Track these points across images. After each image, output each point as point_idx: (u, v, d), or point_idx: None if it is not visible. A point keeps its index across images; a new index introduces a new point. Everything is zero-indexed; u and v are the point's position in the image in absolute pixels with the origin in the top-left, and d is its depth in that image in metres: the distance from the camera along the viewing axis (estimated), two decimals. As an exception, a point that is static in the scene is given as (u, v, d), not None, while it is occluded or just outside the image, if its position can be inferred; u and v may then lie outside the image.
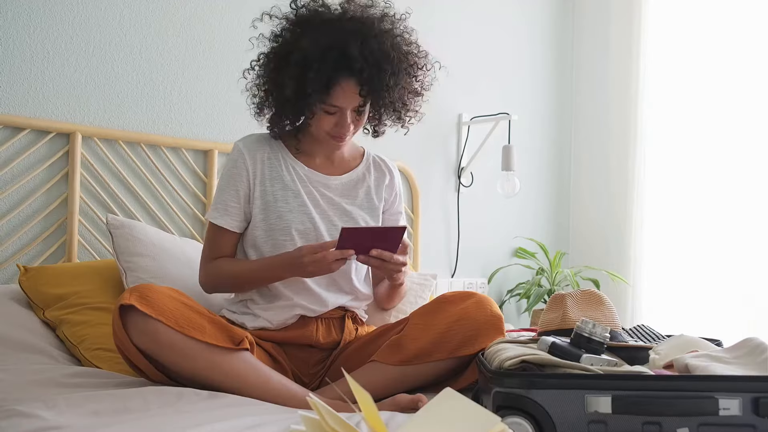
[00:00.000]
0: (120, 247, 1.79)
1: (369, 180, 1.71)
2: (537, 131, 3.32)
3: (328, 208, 1.64)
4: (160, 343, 1.31)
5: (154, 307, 1.32)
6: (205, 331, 1.34)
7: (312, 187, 1.64)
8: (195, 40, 2.25)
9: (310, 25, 1.55)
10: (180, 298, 1.39)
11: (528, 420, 1.06)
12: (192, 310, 1.38)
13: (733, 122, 2.94)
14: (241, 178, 1.61)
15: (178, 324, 1.32)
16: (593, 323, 1.22)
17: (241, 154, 1.62)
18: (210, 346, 1.33)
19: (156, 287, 1.37)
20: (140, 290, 1.35)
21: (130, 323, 1.32)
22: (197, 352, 1.32)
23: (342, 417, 0.98)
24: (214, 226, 1.62)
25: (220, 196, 1.62)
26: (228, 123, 2.32)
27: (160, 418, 1.09)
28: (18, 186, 1.91)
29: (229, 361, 1.35)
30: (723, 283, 2.93)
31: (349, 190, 1.68)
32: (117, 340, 1.35)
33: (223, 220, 1.61)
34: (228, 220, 1.61)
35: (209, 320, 1.39)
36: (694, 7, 3.06)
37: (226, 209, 1.61)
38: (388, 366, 1.46)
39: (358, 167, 1.72)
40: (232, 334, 1.39)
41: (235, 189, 1.61)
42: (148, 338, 1.31)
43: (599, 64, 3.36)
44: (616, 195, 3.24)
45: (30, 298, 1.72)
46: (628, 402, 1.05)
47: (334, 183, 1.67)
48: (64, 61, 2.01)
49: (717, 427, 1.04)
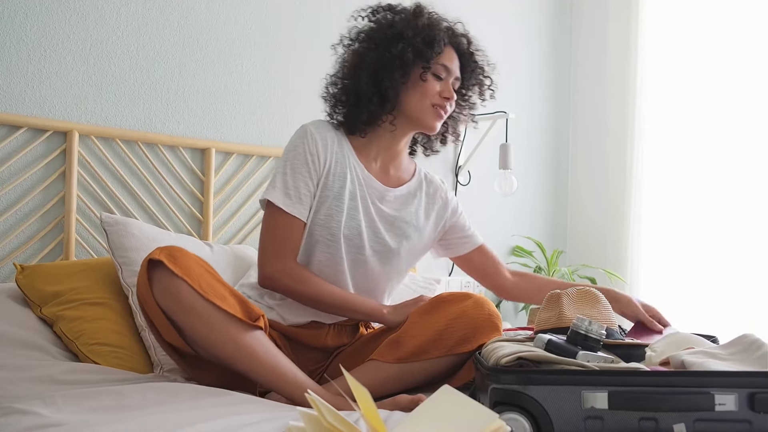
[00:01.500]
0: (114, 244, 1.79)
1: (421, 196, 1.70)
2: (534, 130, 3.32)
3: (377, 218, 1.61)
4: (182, 303, 1.32)
5: (181, 267, 1.33)
6: (225, 301, 1.35)
7: (367, 193, 1.61)
8: (192, 38, 2.25)
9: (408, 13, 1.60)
10: (206, 266, 1.40)
11: (525, 416, 1.06)
12: (216, 280, 1.39)
13: (730, 120, 2.94)
14: (315, 165, 1.55)
15: (201, 288, 1.32)
16: (589, 321, 1.22)
17: (315, 140, 1.56)
18: (228, 316, 1.33)
19: (186, 251, 1.38)
20: (171, 250, 1.36)
21: (155, 279, 1.33)
22: (215, 319, 1.33)
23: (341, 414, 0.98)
24: (284, 214, 1.52)
25: (293, 181, 1.53)
26: (226, 121, 2.32)
27: (158, 415, 1.09)
28: (15, 184, 1.91)
29: (244, 335, 1.34)
30: (720, 280, 2.93)
31: (401, 204, 1.66)
32: (140, 294, 1.37)
33: (295, 208, 1.53)
34: (300, 209, 1.53)
35: (231, 292, 1.39)
36: (691, 5, 3.06)
37: (299, 197, 1.53)
38: (386, 364, 1.46)
39: (411, 181, 1.70)
40: (250, 310, 1.39)
41: (308, 175, 1.54)
42: (171, 297, 1.32)
43: (597, 62, 3.37)
44: (614, 193, 3.25)
45: (27, 296, 1.72)
46: (625, 398, 1.05)
47: (390, 195, 1.64)
48: (61, 60, 2.01)
49: (713, 422, 1.04)
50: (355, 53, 1.59)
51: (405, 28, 1.54)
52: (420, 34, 1.54)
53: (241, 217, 2.35)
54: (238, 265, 2.00)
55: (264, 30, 2.42)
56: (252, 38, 2.38)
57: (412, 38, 1.54)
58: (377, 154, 1.65)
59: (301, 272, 1.53)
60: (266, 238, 1.54)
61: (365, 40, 1.59)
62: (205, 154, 2.26)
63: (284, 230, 1.53)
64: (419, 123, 1.60)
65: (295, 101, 2.48)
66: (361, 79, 1.56)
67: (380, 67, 1.54)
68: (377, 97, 1.56)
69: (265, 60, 2.41)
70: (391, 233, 1.63)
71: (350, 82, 1.59)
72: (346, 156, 1.60)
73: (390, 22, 1.57)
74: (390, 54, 1.53)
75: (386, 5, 1.63)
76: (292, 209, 1.53)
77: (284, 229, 1.53)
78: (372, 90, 1.55)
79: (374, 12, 1.63)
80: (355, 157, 1.61)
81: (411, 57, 1.53)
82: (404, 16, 1.58)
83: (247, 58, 2.37)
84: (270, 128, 2.43)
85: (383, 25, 1.58)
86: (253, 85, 2.39)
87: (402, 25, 1.55)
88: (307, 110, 2.50)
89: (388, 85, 1.55)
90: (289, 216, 1.53)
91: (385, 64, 1.54)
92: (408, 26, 1.55)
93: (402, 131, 1.63)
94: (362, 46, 1.58)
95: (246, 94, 2.37)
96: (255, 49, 2.39)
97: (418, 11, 1.59)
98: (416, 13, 1.59)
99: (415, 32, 1.54)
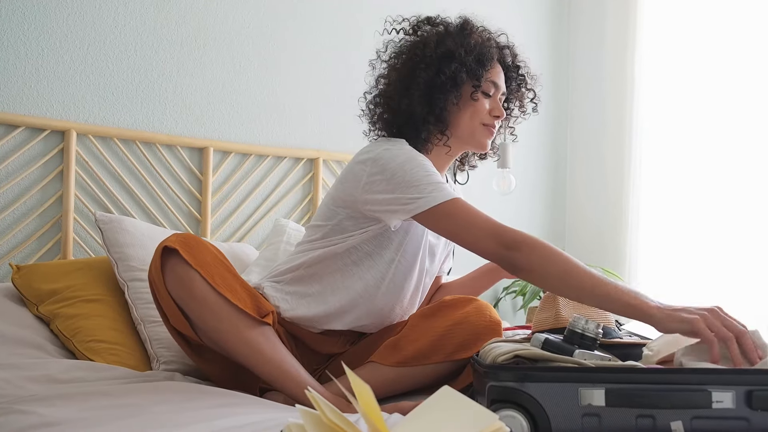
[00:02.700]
0: (109, 240, 1.79)
1: None
2: (533, 128, 3.32)
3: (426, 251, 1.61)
4: (193, 294, 1.32)
5: (195, 258, 1.33)
6: (236, 295, 1.35)
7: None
8: (190, 37, 2.25)
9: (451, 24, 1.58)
10: (220, 256, 1.40)
11: (522, 413, 1.06)
12: (229, 271, 1.38)
13: (728, 119, 2.94)
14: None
15: (213, 280, 1.32)
16: (586, 320, 1.22)
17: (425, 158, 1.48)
18: (238, 310, 1.33)
19: (201, 240, 1.38)
20: (186, 238, 1.36)
21: (169, 267, 1.33)
22: (224, 312, 1.33)
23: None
24: (459, 200, 1.40)
25: (434, 177, 1.42)
26: (223, 120, 2.32)
27: (156, 415, 1.09)
28: (12, 184, 1.91)
29: (251, 330, 1.35)
30: (718, 279, 2.94)
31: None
32: (151, 279, 1.37)
33: (454, 192, 1.41)
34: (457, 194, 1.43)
35: (242, 285, 1.39)
36: (689, 5, 3.06)
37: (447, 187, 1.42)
38: (385, 366, 1.45)
39: None
40: (260, 305, 1.39)
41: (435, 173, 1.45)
42: (183, 287, 1.33)
43: (595, 61, 3.37)
44: (612, 191, 3.25)
45: (23, 295, 1.72)
46: (622, 395, 1.05)
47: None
48: (59, 59, 2.01)
49: (710, 420, 1.04)
50: (403, 72, 1.53)
51: (456, 47, 1.50)
52: (471, 53, 1.50)
53: (239, 217, 2.35)
54: (234, 263, 2.00)
55: (262, 29, 2.42)
56: (250, 37, 2.38)
57: (464, 57, 1.49)
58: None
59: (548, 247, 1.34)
60: (477, 220, 1.38)
61: (413, 58, 1.53)
62: (203, 153, 2.26)
63: (475, 210, 1.40)
64: (470, 142, 1.57)
65: (293, 100, 2.48)
66: (413, 99, 1.50)
67: (434, 88, 1.50)
68: (432, 118, 1.52)
69: (263, 59, 2.41)
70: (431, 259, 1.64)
71: (402, 103, 1.52)
72: None
73: (438, 38, 1.52)
74: (443, 74, 1.49)
75: (425, 18, 1.59)
76: (451, 192, 1.40)
77: (474, 210, 1.40)
78: (426, 110, 1.51)
79: (415, 27, 1.58)
80: None
81: (464, 77, 1.50)
82: (451, 32, 1.54)
83: (245, 58, 2.37)
84: (268, 127, 2.43)
85: (431, 42, 1.52)
86: (251, 84, 2.39)
87: (452, 43, 1.51)
88: (305, 110, 2.51)
89: (443, 106, 1.51)
90: (460, 200, 1.40)
91: (438, 85, 1.50)
92: (458, 44, 1.50)
93: (455, 150, 1.60)
94: (411, 64, 1.52)
95: (244, 93, 2.37)
96: (253, 48, 2.39)
97: (466, 27, 1.56)
98: (464, 28, 1.55)
99: (466, 51, 1.50)
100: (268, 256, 2.07)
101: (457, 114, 1.54)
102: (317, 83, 2.53)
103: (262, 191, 2.39)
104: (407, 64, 1.53)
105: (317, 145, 2.51)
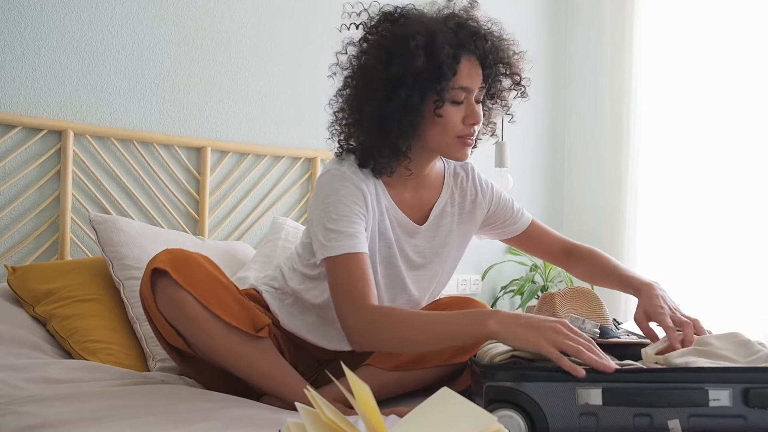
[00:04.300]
0: (104, 240, 1.79)
1: (453, 204, 1.53)
2: (530, 127, 3.33)
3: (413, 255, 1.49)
4: (186, 313, 1.30)
5: (186, 277, 1.29)
6: (230, 312, 1.32)
7: (401, 233, 1.46)
8: (188, 36, 2.25)
9: (412, 17, 1.37)
10: (212, 268, 1.36)
11: (519, 413, 1.06)
12: (222, 286, 1.34)
13: (726, 116, 2.95)
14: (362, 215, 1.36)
15: (205, 299, 1.30)
16: (582, 319, 1.23)
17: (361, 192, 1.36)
18: (232, 327, 1.31)
19: (190, 254, 1.34)
20: (175, 257, 1.32)
21: (159, 289, 1.31)
22: (218, 330, 1.31)
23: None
24: (346, 258, 1.31)
25: (338, 222, 1.33)
26: (221, 120, 2.32)
27: (152, 417, 1.09)
28: (9, 184, 1.91)
29: (247, 346, 1.33)
30: (716, 276, 2.94)
31: (434, 230, 1.50)
32: (143, 300, 1.35)
33: (350, 243, 1.31)
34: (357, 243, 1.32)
35: (236, 299, 1.35)
36: (686, 3, 3.07)
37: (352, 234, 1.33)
38: (382, 371, 1.44)
39: (441, 196, 1.51)
40: (255, 319, 1.35)
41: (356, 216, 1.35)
42: (175, 308, 1.31)
43: (592, 60, 3.37)
44: (610, 191, 3.25)
45: (19, 296, 1.72)
46: (619, 394, 1.05)
47: (422, 229, 1.49)
48: (56, 58, 2.00)
49: (707, 418, 1.05)
50: (352, 97, 1.39)
51: (405, 62, 1.30)
52: (428, 63, 1.30)
53: (237, 216, 2.35)
54: (230, 261, 2.00)
55: (259, 28, 2.41)
56: (247, 36, 2.38)
57: (415, 77, 1.30)
58: (406, 182, 1.47)
59: (381, 309, 1.30)
60: (346, 286, 1.32)
61: (359, 83, 1.37)
62: (201, 153, 2.25)
63: (350, 274, 1.32)
64: (447, 155, 1.43)
65: (291, 100, 2.48)
66: (364, 130, 1.37)
67: (385, 119, 1.34)
68: (388, 150, 1.37)
69: (260, 59, 2.41)
70: (432, 261, 1.52)
71: (353, 131, 1.40)
72: (381, 198, 1.43)
73: (388, 54, 1.32)
74: (392, 104, 1.32)
75: (383, 14, 1.40)
76: (348, 246, 1.32)
77: (350, 274, 1.32)
78: (380, 143, 1.36)
79: (371, 30, 1.39)
80: (389, 197, 1.44)
81: (418, 99, 1.32)
82: (406, 37, 1.31)
83: (243, 57, 2.37)
84: (265, 127, 2.43)
85: (380, 58, 1.33)
86: (249, 83, 2.39)
87: (402, 57, 1.30)
88: (302, 109, 2.51)
89: (398, 135, 1.35)
90: (349, 257, 1.32)
91: (388, 115, 1.33)
92: (409, 58, 1.30)
93: (429, 157, 1.45)
94: (358, 92, 1.37)
95: (241, 92, 2.37)
96: (250, 48, 2.39)
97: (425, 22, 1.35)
98: (422, 23, 1.34)
99: (418, 66, 1.29)
100: (266, 253, 2.08)
101: (424, 131, 1.37)
102: (314, 83, 2.52)
103: (259, 191, 2.39)
104: (356, 88, 1.38)
105: (315, 145, 2.51)
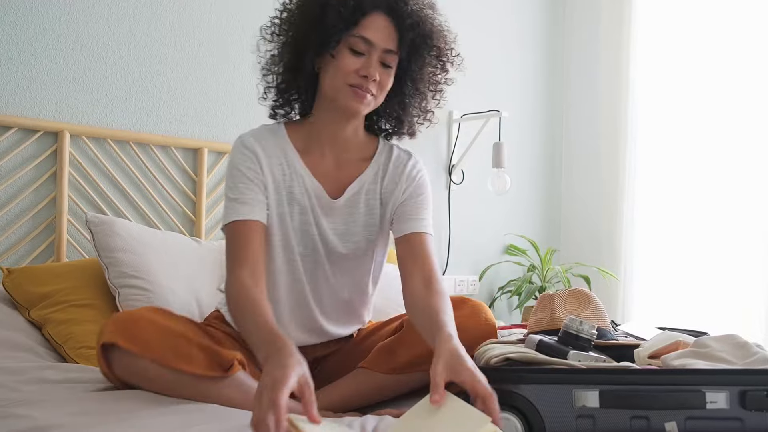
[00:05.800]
0: (100, 244, 1.78)
1: (376, 186, 1.49)
2: (528, 128, 3.33)
3: (330, 232, 1.46)
4: (147, 377, 1.25)
5: (138, 343, 1.23)
6: (192, 361, 1.24)
7: (316, 204, 1.45)
8: (185, 37, 2.25)
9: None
10: (163, 321, 1.28)
11: (516, 415, 1.06)
12: (177, 336, 1.27)
13: (723, 118, 2.95)
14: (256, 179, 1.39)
15: (164, 357, 1.23)
16: (580, 321, 1.22)
17: (254, 155, 1.40)
18: (198, 376, 1.24)
19: (137, 314, 1.27)
20: (121, 322, 1.26)
21: (115, 361, 1.26)
22: (185, 382, 1.24)
23: (328, 421, 0.98)
24: (231, 226, 1.35)
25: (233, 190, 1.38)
26: (218, 121, 2.32)
27: (148, 419, 1.09)
28: (5, 185, 1.90)
29: (218, 388, 1.25)
30: (713, 278, 2.94)
31: (351, 207, 1.47)
32: (103, 373, 1.30)
33: (239, 210, 1.36)
34: (247, 210, 1.36)
35: (197, 345, 1.27)
36: (682, 6, 3.07)
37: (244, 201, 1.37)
38: (377, 374, 1.42)
39: (366, 172, 1.48)
40: (221, 358, 1.26)
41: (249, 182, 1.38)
42: (137, 375, 1.26)
43: (589, 60, 3.37)
44: (607, 191, 3.25)
45: (15, 299, 1.72)
46: (616, 396, 1.05)
47: (337, 205, 1.46)
48: (52, 59, 2.00)
49: (704, 420, 1.04)
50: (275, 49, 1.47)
51: (315, 7, 1.35)
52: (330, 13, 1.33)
53: (234, 217, 2.34)
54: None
55: (256, 29, 2.40)
56: (245, 37, 2.38)
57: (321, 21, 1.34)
58: (323, 147, 1.46)
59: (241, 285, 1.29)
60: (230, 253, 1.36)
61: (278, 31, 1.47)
62: (198, 154, 2.25)
63: (233, 243, 1.35)
64: (338, 105, 1.39)
65: (288, 101, 2.47)
66: (275, 75, 1.46)
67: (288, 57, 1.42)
68: (291, 85, 1.44)
69: (257, 59, 2.40)
70: (345, 240, 1.48)
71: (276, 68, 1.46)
72: (292, 163, 1.43)
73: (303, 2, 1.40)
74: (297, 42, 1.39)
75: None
76: (234, 215, 1.36)
77: (233, 242, 1.36)
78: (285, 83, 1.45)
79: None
80: (302, 164, 1.44)
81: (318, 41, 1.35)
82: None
83: (240, 58, 2.36)
84: (262, 128, 2.42)
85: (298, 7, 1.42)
86: (246, 84, 2.38)
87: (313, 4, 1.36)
88: (299, 110, 2.50)
89: (297, 69, 1.41)
90: (234, 224, 1.36)
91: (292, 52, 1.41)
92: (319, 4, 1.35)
93: (338, 115, 1.43)
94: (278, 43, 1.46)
95: (238, 93, 2.36)
96: (248, 48, 2.38)
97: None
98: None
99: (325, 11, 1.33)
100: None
101: (323, 76, 1.40)
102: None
103: (256, 192, 2.38)
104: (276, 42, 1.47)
105: (312, 146, 2.50)
